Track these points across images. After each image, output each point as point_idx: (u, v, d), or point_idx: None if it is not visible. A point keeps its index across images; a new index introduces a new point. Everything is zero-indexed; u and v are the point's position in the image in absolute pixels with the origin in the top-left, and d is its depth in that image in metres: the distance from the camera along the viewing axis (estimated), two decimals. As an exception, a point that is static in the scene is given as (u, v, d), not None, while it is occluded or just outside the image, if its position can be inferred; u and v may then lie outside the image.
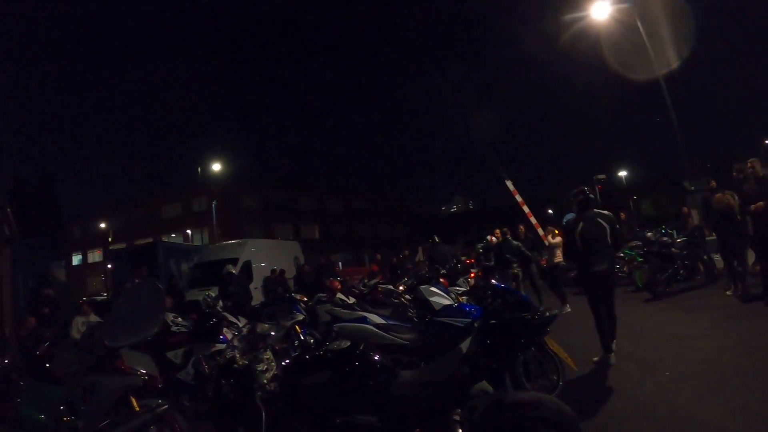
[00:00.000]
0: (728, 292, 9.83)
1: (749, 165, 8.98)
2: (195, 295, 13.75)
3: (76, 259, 60.88)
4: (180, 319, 8.12)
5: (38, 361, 7.41)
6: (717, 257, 11.84)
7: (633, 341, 7.92)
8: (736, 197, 9.43)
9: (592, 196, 7.46)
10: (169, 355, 7.19)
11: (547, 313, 3.70)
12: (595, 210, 7.13)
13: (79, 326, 10.72)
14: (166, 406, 3.46)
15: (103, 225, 56.87)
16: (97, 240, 57.63)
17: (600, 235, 6.91)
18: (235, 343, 4.11)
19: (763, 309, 8.12)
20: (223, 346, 6.74)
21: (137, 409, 4.57)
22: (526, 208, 17.67)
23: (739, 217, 9.35)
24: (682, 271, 11.94)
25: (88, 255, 61.18)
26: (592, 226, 6.95)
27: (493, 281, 5.52)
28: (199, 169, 42.49)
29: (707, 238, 12.66)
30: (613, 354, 6.86)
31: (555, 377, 5.67)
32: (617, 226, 7.14)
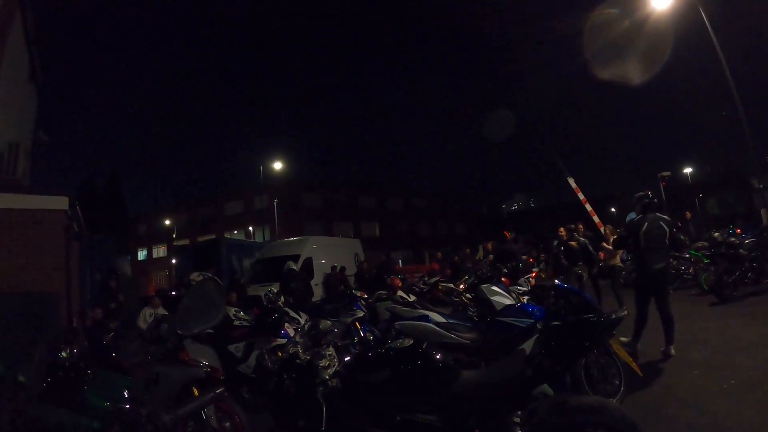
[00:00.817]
0: (798, 297, 9.46)
1: None
2: (256, 290, 14.08)
3: (141, 255, 63.05)
4: (242, 313, 8.31)
5: (105, 350, 7.73)
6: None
7: (697, 347, 7.69)
8: None
9: (656, 200, 8.01)
10: (231, 348, 7.36)
11: (614, 316, 3.65)
12: (657, 213, 7.72)
13: (146, 317, 11.05)
14: (224, 390, 3.59)
15: (167, 222, 58.78)
16: (162, 236, 59.69)
17: (661, 237, 7.55)
18: (298, 338, 4.20)
19: (839, 316, 7.77)
20: (284, 340, 6.90)
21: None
22: (588, 206, 17.26)
23: None
24: (750, 274, 11.47)
25: (153, 250, 63.33)
26: (655, 228, 7.56)
27: (556, 281, 5.45)
28: (261, 168, 43.20)
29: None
30: (672, 346, 7.37)
31: (617, 382, 5.57)
32: (675, 230, 7.73)
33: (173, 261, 37.57)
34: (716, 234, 12.93)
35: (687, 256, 14.23)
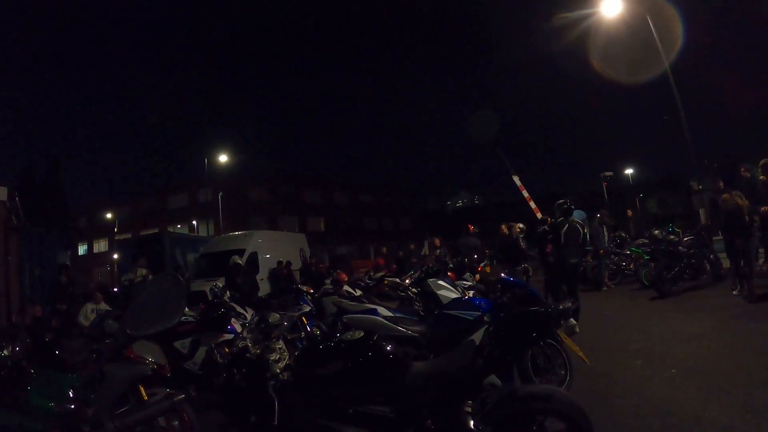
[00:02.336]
0: (734, 292, 9.84)
1: (760, 166, 8.99)
2: (201, 285, 13.77)
3: (81, 249, 61.02)
4: (187, 309, 8.12)
5: (47, 348, 7.45)
6: (723, 256, 11.81)
7: (639, 338, 7.96)
8: (744, 198, 9.46)
9: (573, 206, 9.75)
10: (177, 344, 7.19)
11: (561, 306, 3.71)
12: (573, 218, 9.60)
13: (87, 313, 10.70)
14: (183, 396, 3.48)
15: (109, 215, 56.88)
16: (103, 230, 57.64)
17: (576, 236, 9.33)
18: (246, 333, 4.10)
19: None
20: (231, 336, 6.76)
21: (146, 398, 4.58)
22: (532, 204, 17.56)
23: (746, 217, 9.41)
24: (688, 270, 11.90)
25: (94, 245, 61.28)
26: (574, 229, 9.35)
27: (503, 274, 5.51)
28: (206, 161, 42.35)
29: (713, 238, 12.63)
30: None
31: (563, 372, 5.68)
32: (586, 231, 9.67)
33: (115, 256, 36.43)
34: (656, 232, 13.34)
35: (628, 252, 14.69)
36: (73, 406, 3.58)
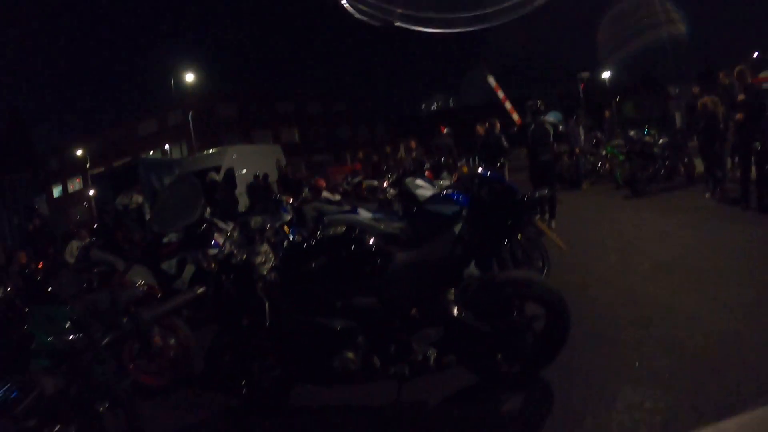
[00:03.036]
0: (707, 195, 9.99)
1: (736, 73, 8.96)
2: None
3: (56, 191, 59.78)
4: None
5: (38, 287, 7.46)
6: (697, 160, 11.98)
7: (614, 235, 8.23)
8: (720, 104, 9.53)
9: (542, 107, 10.04)
10: (163, 266, 7.20)
11: (537, 194, 3.79)
12: (543, 117, 9.93)
13: (73, 250, 10.72)
14: (203, 288, 3.55)
15: (79, 152, 55.47)
16: (76, 168, 56.33)
17: (545, 136, 9.54)
18: (228, 243, 4.12)
19: (740, 213, 8.32)
20: (215, 250, 6.81)
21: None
22: (508, 104, 17.28)
23: (722, 124, 9.52)
24: (662, 171, 12.06)
25: (68, 185, 59.98)
26: (541, 129, 9.59)
27: (479, 169, 5.53)
28: (172, 82, 40.96)
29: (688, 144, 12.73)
30: (554, 220, 9.24)
31: (541, 264, 5.86)
32: (557, 131, 10.18)
33: (91, 192, 35.80)
34: (632, 133, 13.38)
35: (603, 152, 14.77)
36: (72, 337, 3.63)
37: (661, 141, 12.70)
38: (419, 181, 6.95)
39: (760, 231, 7.07)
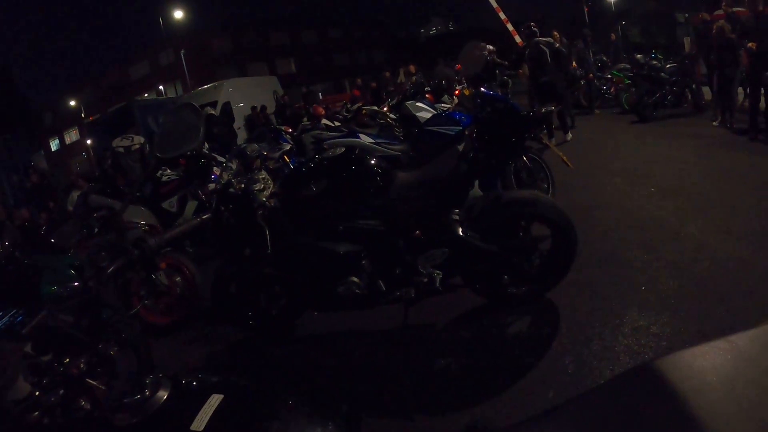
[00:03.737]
0: (714, 123, 9.79)
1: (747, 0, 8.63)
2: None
3: (54, 145, 59.16)
4: (168, 170, 8.03)
5: (42, 239, 7.44)
6: (705, 88, 11.71)
7: (620, 159, 8.13)
8: (731, 31, 9.21)
9: (536, 29, 10.25)
10: (165, 205, 7.16)
11: (543, 110, 3.68)
12: (538, 38, 10.01)
13: (74, 200, 10.67)
14: (209, 214, 3.48)
15: (73, 103, 54.72)
16: (71, 119, 55.62)
17: (542, 56, 9.76)
18: (225, 173, 4.02)
19: (747, 143, 8.14)
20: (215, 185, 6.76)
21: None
22: (510, 26, 16.72)
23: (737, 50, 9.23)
24: (669, 97, 11.76)
25: (65, 137, 59.24)
26: (536, 50, 9.84)
27: (482, 89, 5.36)
28: (161, 20, 40.01)
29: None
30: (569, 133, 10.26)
31: (545, 185, 5.79)
32: (555, 49, 9.96)
33: (88, 141, 35.37)
34: (639, 56, 13.01)
35: (609, 76, 14.41)
36: (77, 283, 3.60)
37: (668, 65, 12.38)
38: (420, 104, 6.79)
39: (766, 161, 6.95)
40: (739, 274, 3.86)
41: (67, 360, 2.98)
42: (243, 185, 3.68)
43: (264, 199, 3.54)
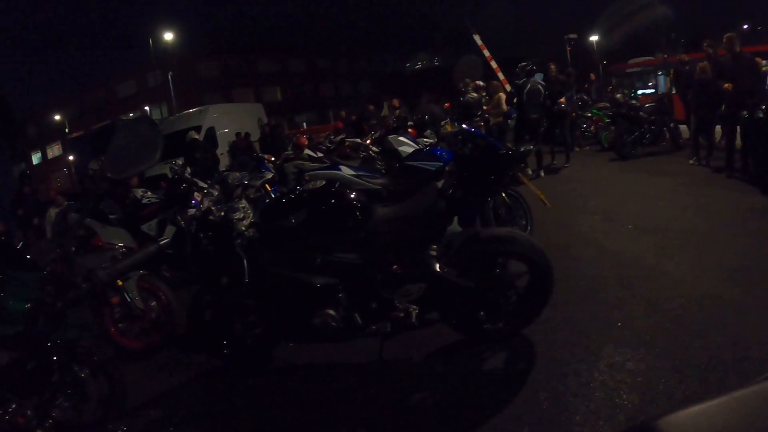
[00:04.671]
0: (691, 161, 9.97)
1: (725, 40, 8.85)
2: (161, 168, 13.48)
3: (35, 158, 58.52)
4: (149, 192, 7.99)
5: (16, 254, 7.32)
6: (682, 126, 11.96)
7: (598, 196, 8.22)
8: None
9: (535, 68, 10.79)
10: (144, 228, 7.11)
11: (522, 149, 3.73)
12: (535, 78, 10.48)
13: (52, 217, 10.58)
14: (167, 240, 3.44)
15: (57, 117, 54.40)
16: (55, 134, 55.23)
17: (537, 94, 10.23)
18: (207, 200, 4.02)
19: (724, 180, 8.32)
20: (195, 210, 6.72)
21: (120, 283, 4.58)
22: (494, 64, 17.01)
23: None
24: (648, 135, 11.97)
25: (48, 151, 58.66)
26: (535, 89, 10.25)
27: (463, 125, 5.41)
28: (151, 41, 40.05)
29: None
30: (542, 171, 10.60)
31: (524, 222, 5.83)
32: (547, 91, 10.54)
33: (70, 157, 35.02)
34: (618, 96, 13.31)
35: (589, 114, 14.67)
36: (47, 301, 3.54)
37: (647, 105, 12.64)
38: (402, 138, 6.88)
39: (743, 198, 7.08)
40: (714, 311, 3.91)
41: (13, 407, 2.90)
42: (223, 213, 3.68)
43: (243, 228, 3.54)
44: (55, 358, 3.31)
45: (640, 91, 19.91)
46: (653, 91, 20.17)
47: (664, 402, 2.93)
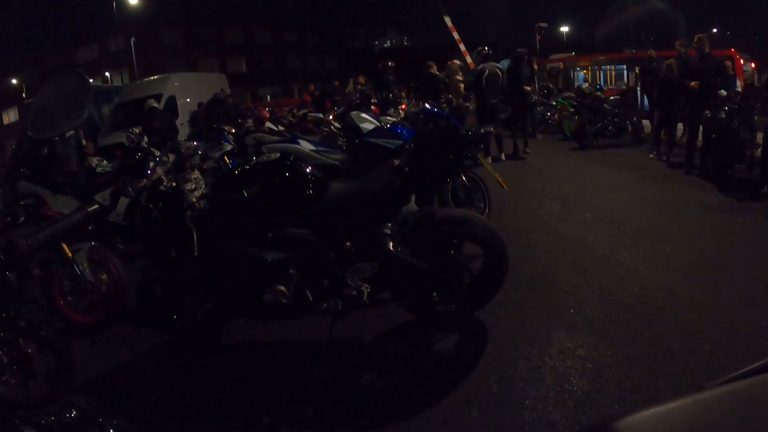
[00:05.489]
0: (651, 156, 10.12)
1: (696, 40, 8.96)
2: (119, 137, 13.09)
3: (-6, 120, 56.61)
4: (105, 162, 7.75)
5: None
6: (645, 122, 12.12)
7: (557, 184, 8.29)
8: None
9: (491, 52, 11.15)
10: (97, 197, 6.89)
11: (482, 130, 3.68)
12: (493, 62, 10.64)
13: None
14: (96, 206, 3.28)
15: (14, 81, 52.59)
16: (12, 98, 53.35)
17: (495, 79, 10.34)
18: (159, 168, 3.87)
19: (682, 176, 8.48)
20: None
21: (70, 255, 4.43)
22: (462, 47, 16.93)
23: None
24: (610, 128, 12.09)
25: (4, 116, 56.64)
26: (492, 73, 10.34)
27: (426, 105, 5.35)
28: (114, 4, 38.93)
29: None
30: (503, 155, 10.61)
31: (482, 205, 5.83)
32: (504, 75, 10.55)
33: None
34: (584, 86, 13.40)
35: (554, 103, 14.75)
36: None
37: (612, 97, 12.77)
38: (364, 115, 6.79)
39: (699, 195, 7.23)
40: (666, 302, 3.98)
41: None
42: (174, 183, 3.56)
43: (194, 199, 3.43)
44: (0, 333, 3.20)
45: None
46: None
47: (613, 389, 2.97)
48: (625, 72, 19.91)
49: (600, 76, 21.43)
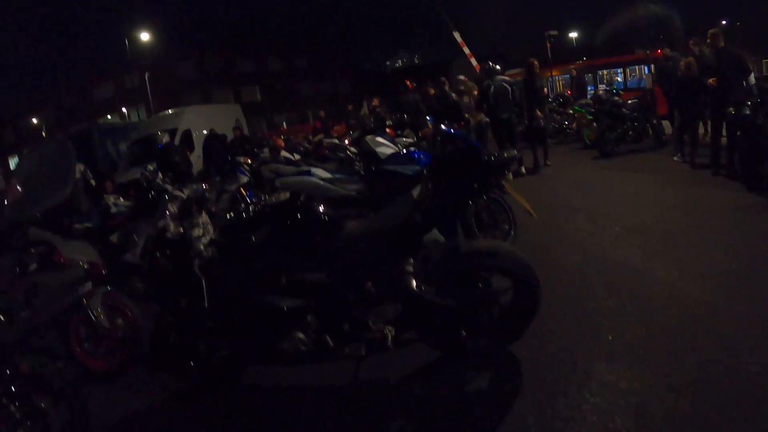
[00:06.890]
0: (675, 158, 9.86)
1: (709, 36, 8.71)
2: (136, 173, 13.09)
3: (12, 163, 57.70)
4: (122, 199, 7.67)
5: None
6: (665, 122, 11.85)
7: (581, 196, 8.05)
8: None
9: (497, 67, 10.82)
10: (112, 238, 6.85)
11: (505, 155, 3.45)
12: (500, 77, 10.46)
13: None
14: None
15: (34, 120, 53.64)
16: (32, 137, 54.37)
17: (504, 94, 10.18)
18: (167, 216, 3.75)
19: (709, 177, 8.22)
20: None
21: (84, 302, 4.38)
22: (474, 61, 16.88)
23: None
24: (631, 133, 11.84)
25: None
26: (500, 88, 10.21)
27: (442, 126, 5.18)
28: (127, 42, 39.65)
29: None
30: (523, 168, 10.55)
31: (507, 227, 5.64)
32: (514, 88, 10.37)
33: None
34: (601, 92, 13.16)
35: (571, 111, 14.53)
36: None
37: (630, 101, 12.51)
38: (380, 139, 6.64)
39: (729, 196, 6.96)
40: (709, 320, 3.72)
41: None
42: (181, 230, 3.41)
43: (201, 246, 3.27)
44: (13, 389, 3.13)
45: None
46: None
47: (661, 425, 2.72)
48: (646, 69, 19.69)
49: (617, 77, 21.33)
